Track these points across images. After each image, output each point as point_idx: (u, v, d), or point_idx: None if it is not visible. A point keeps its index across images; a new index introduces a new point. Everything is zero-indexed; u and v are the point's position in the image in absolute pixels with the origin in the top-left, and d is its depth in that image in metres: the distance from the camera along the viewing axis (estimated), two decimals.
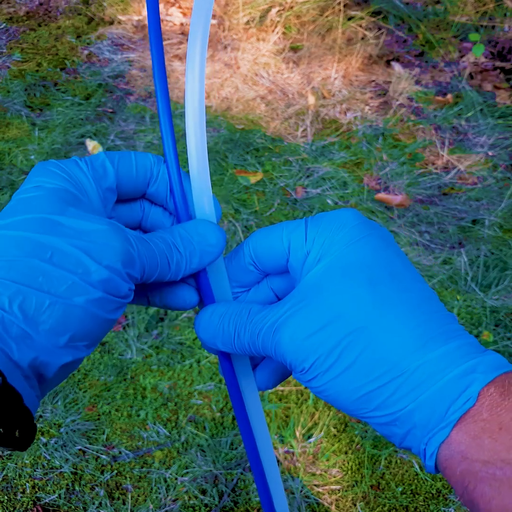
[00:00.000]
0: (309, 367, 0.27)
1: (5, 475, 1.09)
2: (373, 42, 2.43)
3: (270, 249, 0.31)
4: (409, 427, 0.26)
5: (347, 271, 0.27)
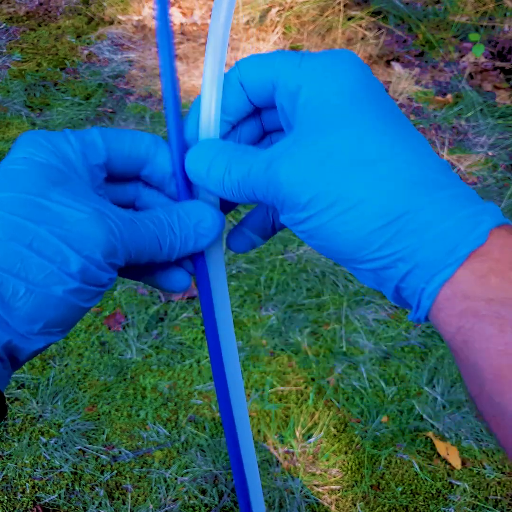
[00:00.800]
0: (306, 203, 0.25)
1: (5, 475, 1.09)
2: (373, 42, 2.43)
3: (260, 75, 0.28)
4: (411, 267, 0.24)
5: (352, 107, 0.25)
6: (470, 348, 0.23)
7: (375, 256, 0.25)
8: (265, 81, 0.28)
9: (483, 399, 0.23)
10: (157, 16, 0.29)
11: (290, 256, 1.55)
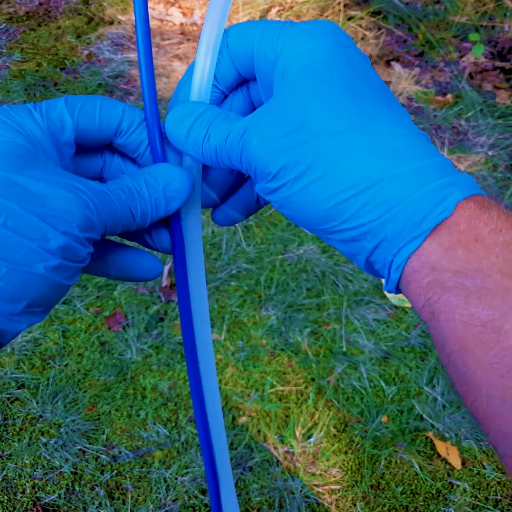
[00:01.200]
0: (276, 172, 0.25)
1: (5, 475, 1.09)
2: (373, 42, 2.43)
3: (243, 44, 0.28)
4: (380, 240, 0.24)
5: (327, 75, 0.25)
6: (437, 319, 0.23)
7: (343, 227, 0.25)
8: (248, 50, 0.28)
9: (450, 368, 0.23)
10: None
11: (290, 256, 1.55)
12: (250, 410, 1.20)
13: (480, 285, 0.22)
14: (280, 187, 0.26)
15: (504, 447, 0.22)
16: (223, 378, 1.26)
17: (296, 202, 0.26)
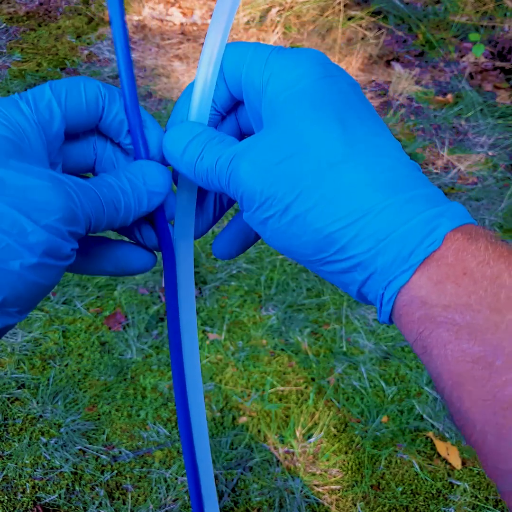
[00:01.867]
0: (263, 202, 0.25)
1: (5, 475, 1.09)
2: (373, 42, 2.43)
3: (234, 68, 0.28)
4: (370, 272, 0.24)
5: (316, 104, 0.25)
6: (430, 354, 0.23)
7: (334, 258, 0.25)
8: (238, 74, 0.28)
9: (446, 401, 0.23)
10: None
11: None
12: (250, 410, 1.20)
13: (470, 321, 0.22)
14: (268, 219, 0.25)
15: (502, 485, 0.21)
16: (223, 378, 1.26)
17: (285, 233, 0.25)
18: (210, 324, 1.37)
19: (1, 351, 1.30)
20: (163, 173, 0.30)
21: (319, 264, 0.26)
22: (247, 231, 0.32)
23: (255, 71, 0.27)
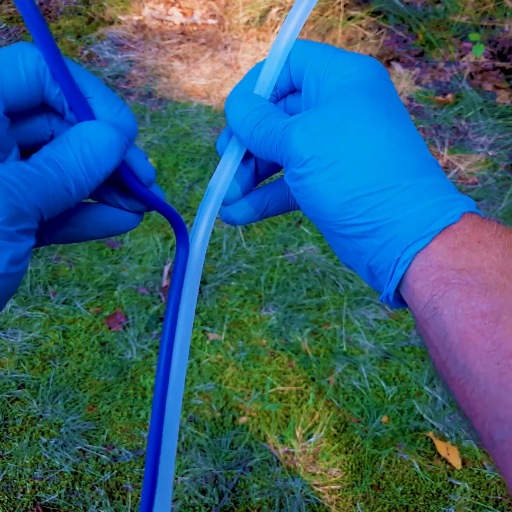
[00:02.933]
0: (308, 159, 0.28)
1: (5, 475, 1.09)
2: (373, 42, 2.43)
3: (301, 59, 0.31)
4: (389, 238, 0.27)
5: (368, 92, 0.28)
6: (440, 314, 0.25)
7: (356, 221, 0.27)
8: (303, 65, 0.31)
9: (449, 363, 0.25)
10: None
11: (290, 256, 1.55)
12: (250, 410, 1.20)
13: (481, 282, 0.24)
14: (308, 174, 0.28)
15: (500, 434, 0.23)
16: (223, 378, 1.26)
17: (318, 191, 0.28)
18: (210, 324, 1.37)
19: (1, 351, 1.30)
20: (111, 133, 0.27)
21: (340, 226, 0.28)
22: (260, 204, 0.35)
23: (320, 63, 0.30)
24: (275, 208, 0.35)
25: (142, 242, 1.58)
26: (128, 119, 0.28)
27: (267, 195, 0.35)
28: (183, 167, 1.85)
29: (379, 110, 0.28)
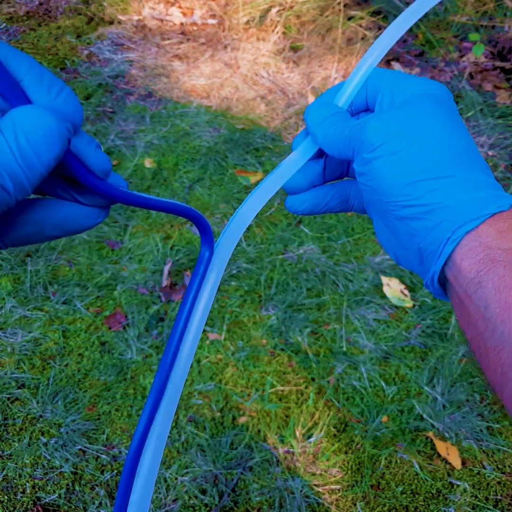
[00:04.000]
0: (378, 145, 0.32)
1: (5, 475, 1.09)
2: (373, 42, 2.43)
3: (378, 81, 0.36)
4: (441, 220, 0.30)
5: (436, 102, 0.33)
6: (484, 287, 0.27)
7: (413, 203, 0.30)
8: (378, 86, 0.36)
9: (487, 332, 0.27)
10: None
11: (290, 256, 1.55)
12: (250, 410, 1.20)
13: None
14: (377, 158, 0.32)
15: None
16: (223, 378, 1.26)
17: (384, 173, 0.31)
18: (210, 324, 1.37)
19: (1, 351, 1.29)
20: (46, 117, 0.24)
21: (399, 206, 0.31)
22: (323, 199, 0.38)
23: (395, 82, 0.35)
24: (336, 205, 0.39)
25: (142, 242, 1.58)
26: (69, 102, 0.25)
27: (331, 192, 0.38)
28: (183, 167, 1.85)
29: (442, 115, 0.32)
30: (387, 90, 0.35)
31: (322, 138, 0.35)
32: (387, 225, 0.33)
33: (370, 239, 1.62)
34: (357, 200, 0.39)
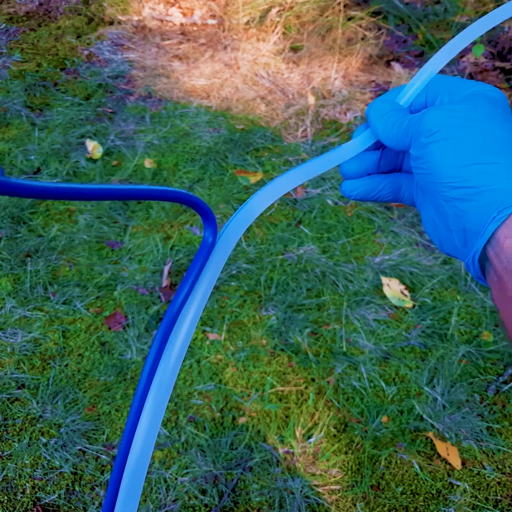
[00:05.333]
0: (436, 131, 0.34)
1: (5, 475, 1.09)
2: (373, 42, 2.43)
3: (437, 86, 0.39)
4: (488, 201, 0.31)
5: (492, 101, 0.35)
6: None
7: (464, 184, 0.33)
8: (438, 90, 0.39)
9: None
10: None
11: (290, 256, 1.55)
12: (250, 410, 1.20)
13: None
14: (433, 142, 0.34)
15: None
16: (223, 378, 1.26)
17: (438, 156, 0.34)
18: (210, 324, 1.37)
19: (1, 351, 1.29)
20: None
21: (450, 187, 0.33)
22: (376, 187, 0.41)
23: (454, 85, 0.38)
24: (387, 193, 0.41)
25: (142, 242, 1.58)
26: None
27: (384, 181, 0.41)
28: (183, 167, 1.85)
29: (496, 111, 0.35)
30: (446, 92, 0.38)
31: (382, 129, 0.38)
32: (436, 208, 0.36)
33: (370, 240, 1.62)
34: (408, 192, 0.41)
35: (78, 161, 1.85)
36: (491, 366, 1.30)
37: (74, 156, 1.86)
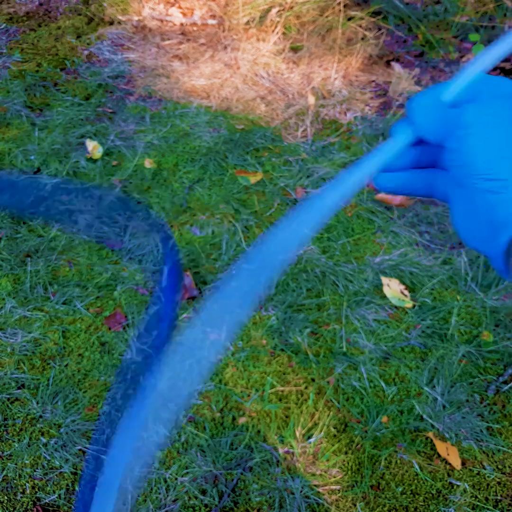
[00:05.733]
0: (472, 124, 0.36)
1: (5, 475, 1.09)
2: (373, 42, 2.43)
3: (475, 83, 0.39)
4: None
5: None
6: None
7: (494, 176, 0.34)
8: (480, 88, 0.39)
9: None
10: None
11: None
12: (250, 410, 1.20)
13: None
14: (470, 134, 0.36)
15: None
16: (223, 378, 1.26)
17: (473, 148, 0.35)
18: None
19: (1, 351, 1.29)
20: None
21: (483, 179, 0.35)
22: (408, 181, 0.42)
23: (496, 84, 0.38)
24: (420, 188, 0.42)
25: (142, 242, 1.58)
26: None
27: (420, 175, 0.42)
28: (183, 167, 1.85)
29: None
30: (487, 90, 0.39)
31: (421, 122, 0.39)
32: (469, 201, 0.37)
33: (370, 239, 1.62)
34: (441, 188, 0.42)
35: (78, 161, 1.85)
36: (491, 366, 1.30)
37: (74, 156, 1.86)
